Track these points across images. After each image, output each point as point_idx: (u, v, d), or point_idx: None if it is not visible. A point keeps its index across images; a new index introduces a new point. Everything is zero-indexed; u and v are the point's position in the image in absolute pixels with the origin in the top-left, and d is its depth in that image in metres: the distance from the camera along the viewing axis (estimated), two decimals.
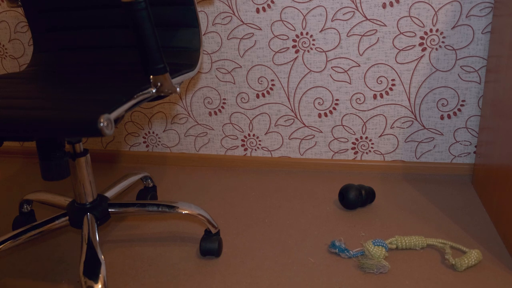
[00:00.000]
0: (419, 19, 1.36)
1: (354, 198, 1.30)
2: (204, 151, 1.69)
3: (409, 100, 1.46)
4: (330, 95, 1.50)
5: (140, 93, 0.83)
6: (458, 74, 1.40)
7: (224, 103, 1.59)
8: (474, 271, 1.05)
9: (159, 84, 0.85)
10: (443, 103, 1.44)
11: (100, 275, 0.91)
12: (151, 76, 0.84)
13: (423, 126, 1.48)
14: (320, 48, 1.45)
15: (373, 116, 1.50)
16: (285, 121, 1.57)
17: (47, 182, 1.61)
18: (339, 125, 1.53)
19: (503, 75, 1.18)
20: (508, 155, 1.12)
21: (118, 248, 1.21)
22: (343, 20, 1.40)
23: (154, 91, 0.86)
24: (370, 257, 1.08)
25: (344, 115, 1.52)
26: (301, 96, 1.52)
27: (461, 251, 1.12)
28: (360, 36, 1.41)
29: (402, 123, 1.49)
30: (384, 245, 1.10)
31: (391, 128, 1.50)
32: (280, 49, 1.47)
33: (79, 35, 1.12)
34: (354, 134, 1.54)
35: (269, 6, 1.43)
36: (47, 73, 1.07)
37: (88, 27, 1.10)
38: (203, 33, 1.51)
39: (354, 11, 1.39)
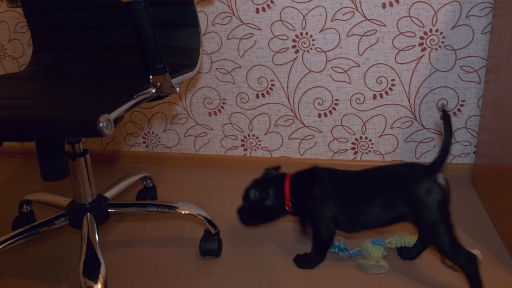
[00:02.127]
0: (418, 19, 1.36)
1: None
2: (204, 151, 1.69)
3: (408, 100, 1.46)
4: (329, 95, 1.50)
5: (140, 93, 0.83)
6: (458, 74, 1.40)
7: (223, 103, 1.59)
8: None
9: (158, 84, 0.85)
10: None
11: (100, 275, 0.91)
12: (151, 76, 0.84)
13: (423, 126, 1.48)
14: (320, 48, 1.45)
15: (373, 116, 1.50)
16: (285, 121, 1.57)
17: (46, 182, 1.61)
18: (339, 125, 1.53)
19: (503, 75, 1.18)
20: (508, 155, 1.12)
21: (118, 248, 1.21)
22: (342, 20, 1.40)
23: (153, 91, 0.86)
24: (368, 257, 1.08)
25: (344, 115, 1.52)
26: (301, 96, 1.52)
27: None
28: (360, 36, 1.41)
29: (402, 123, 1.49)
30: (383, 244, 1.10)
31: (390, 128, 1.50)
32: (280, 49, 1.47)
33: (79, 35, 1.12)
34: (354, 134, 1.54)
35: (268, 6, 1.43)
36: (47, 73, 1.07)
37: (88, 27, 1.10)
38: (202, 33, 1.51)
39: (353, 11, 1.39)
